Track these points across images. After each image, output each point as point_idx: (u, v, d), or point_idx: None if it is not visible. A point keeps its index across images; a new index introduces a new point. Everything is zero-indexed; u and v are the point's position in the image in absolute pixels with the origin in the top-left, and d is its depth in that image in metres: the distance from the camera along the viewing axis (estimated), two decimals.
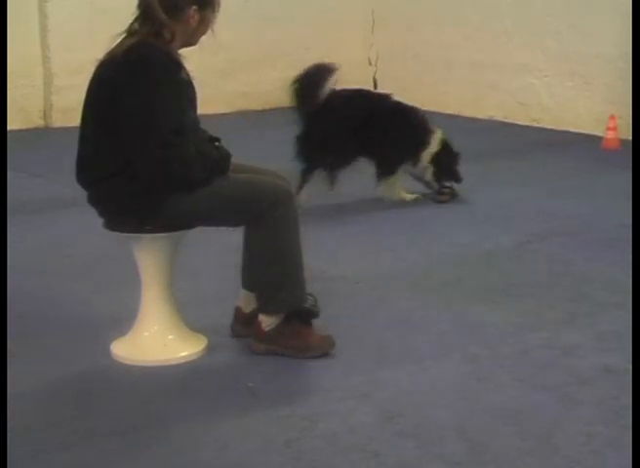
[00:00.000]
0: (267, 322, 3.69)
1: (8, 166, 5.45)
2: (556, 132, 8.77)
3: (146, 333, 3.72)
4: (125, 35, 3.51)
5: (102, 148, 3.50)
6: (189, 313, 3.84)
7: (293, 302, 3.66)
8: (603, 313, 4.22)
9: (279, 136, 6.36)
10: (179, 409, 3.32)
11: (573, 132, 8.66)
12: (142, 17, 3.49)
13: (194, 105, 3.63)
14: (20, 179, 6.56)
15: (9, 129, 7.10)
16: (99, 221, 3.69)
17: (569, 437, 3.09)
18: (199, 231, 3.70)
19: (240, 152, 3.81)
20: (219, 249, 4.84)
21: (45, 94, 9.00)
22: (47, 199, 6.23)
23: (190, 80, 3.59)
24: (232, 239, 3.96)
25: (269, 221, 3.52)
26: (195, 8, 3.51)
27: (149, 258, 3.66)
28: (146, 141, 3.39)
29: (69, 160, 3.70)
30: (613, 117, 7.96)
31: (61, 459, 2.98)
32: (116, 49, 3.47)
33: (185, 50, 3.58)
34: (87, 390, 3.48)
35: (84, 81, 3.59)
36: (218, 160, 3.57)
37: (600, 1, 8.42)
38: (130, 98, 3.40)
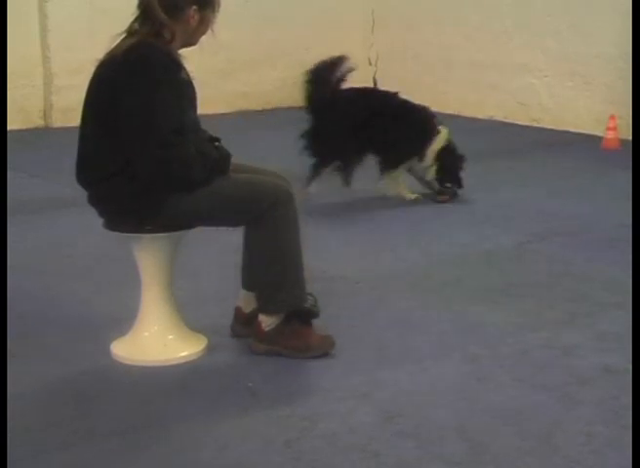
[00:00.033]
0: (267, 322, 3.69)
1: (8, 166, 5.45)
2: (556, 132, 8.78)
3: (146, 333, 3.72)
4: (125, 35, 3.51)
5: (102, 148, 3.50)
6: (189, 313, 3.84)
7: (293, 302, 3.66)
8: (603, 313, 4.22)
9: (279, 136, 6.38)
10: (179, 409, 3.32)
11: (573, 132, 8.66)
12: (142, 17, 3.49)
13: (194, 105, 3.63)
14: (20, 179, 6.56)
15: (9, 129, 7.10)
16: (99, 221, 3.69)
17: (569, 437, 3.09)
18: (199, 231, 3.70)
19: (240, 152, 3.81)
20: (219, 249, 4.84)
21: (45, 94, 9.00)
22: (47, 199, 6.23)
23: (190, 80, 3.59)
24: (232, 239, 3.95)
25: (269, 221, 3.52)
26: (195, 8, 3.51)
27: (149, 258, 3.66)
28: (146, 141, 3.38)
29: (69, 160, 3.70)
30: (613, 117, 7.96)
31: (61, 459, 2.98)
32: (116, 49, 3.47)
33: (185, 50, 3.58)
34: (87, 390, 3.47)
35: (84, 81, 3.59)
36: (218, 160, 3.57)
37: (600, 1, 8.43)
38: (130, 98, 3.39)
